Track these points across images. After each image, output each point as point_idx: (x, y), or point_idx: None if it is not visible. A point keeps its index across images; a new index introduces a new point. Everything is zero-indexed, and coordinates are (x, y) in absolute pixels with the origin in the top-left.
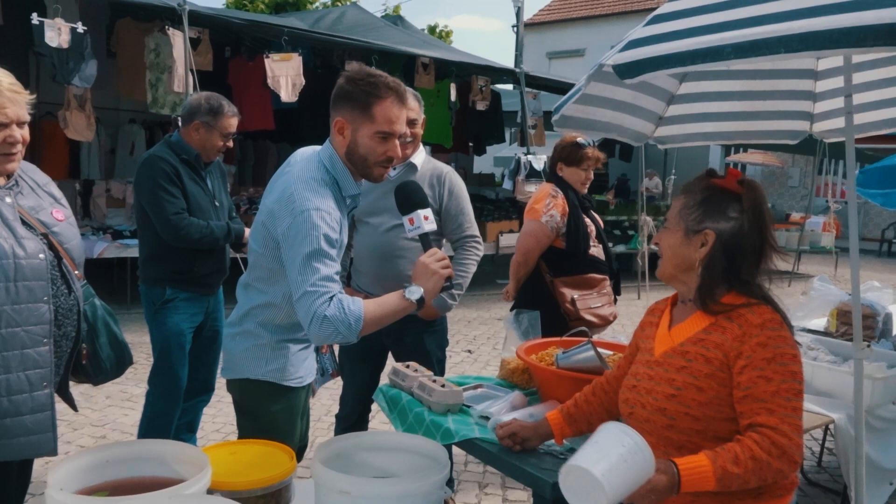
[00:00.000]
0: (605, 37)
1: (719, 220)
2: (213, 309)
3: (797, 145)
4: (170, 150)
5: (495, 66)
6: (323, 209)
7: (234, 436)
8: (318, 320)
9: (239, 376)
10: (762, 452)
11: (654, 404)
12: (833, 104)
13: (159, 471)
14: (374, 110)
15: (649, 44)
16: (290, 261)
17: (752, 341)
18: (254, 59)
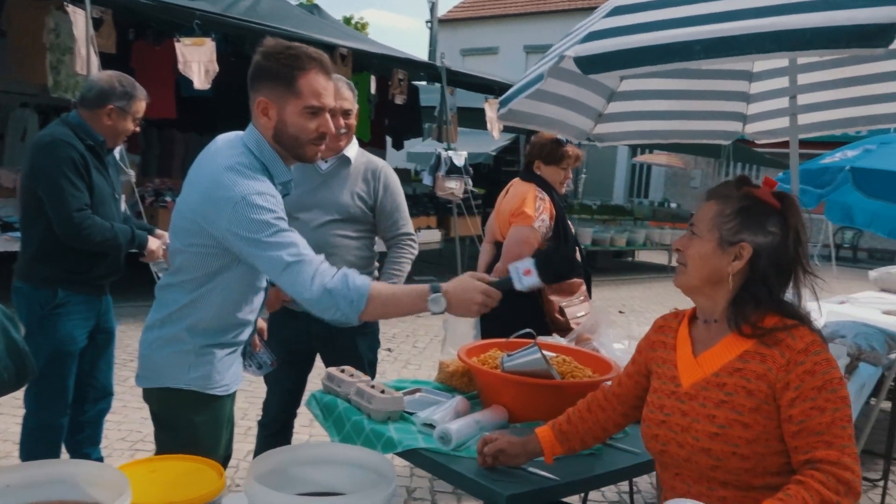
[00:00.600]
0: (519, 36)
1: (757, 233)
2: (106, 310)
3: (701, 147)
4: (73, 135)
5: (416, 60)
6: (264, 192)
7: (141, 444)
8: (316, 291)
9: (158, 385)
10: (830, 493)
11: (694, 444)
12: (766, 106)
13: (71, 494)
14: (299, 84)
15: (611, 36)
16: (251, 251)
17: (798, 369)
18: (161, 44)
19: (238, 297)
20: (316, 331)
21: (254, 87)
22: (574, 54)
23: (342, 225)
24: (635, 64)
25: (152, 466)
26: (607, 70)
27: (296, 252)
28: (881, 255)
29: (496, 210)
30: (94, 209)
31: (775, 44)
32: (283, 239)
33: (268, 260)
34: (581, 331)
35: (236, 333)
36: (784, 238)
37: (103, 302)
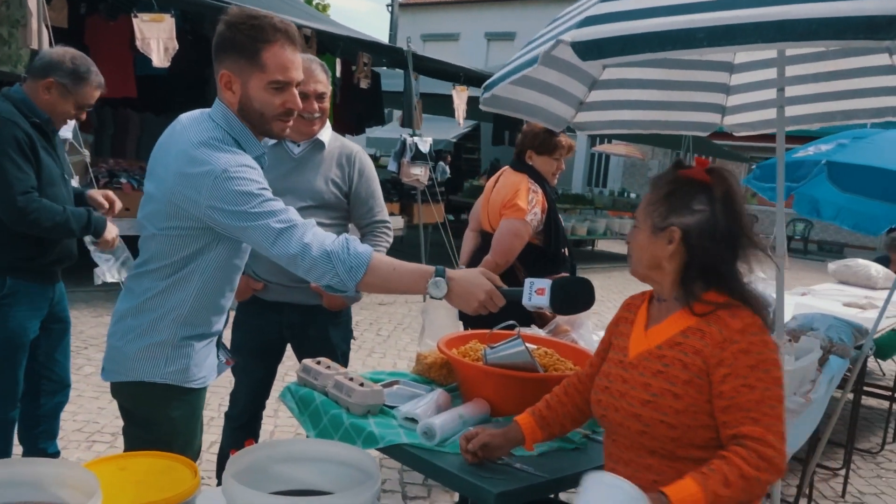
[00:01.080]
0: (480, 22)
1: (684, 214)
2: (59, 298)
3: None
4: (17, 111)
5: (382, 43)
6: (244, 163)
7: (98, 435)
8: (316, 250)
9: (129, 379)
10: (751, 469)
11: (628, 409)
12: (747, 98)
13: (36, 496)
14: (264, 57)
15: (610, 21)
16: (238, 225)
17: (733, 347)
18: (115, 19)
19: (217, 281)
20: (287, 321)
21: (217, 58)
22: (571, 39)
23: (315, 212)
24: (635, 50)
25: (121, 464)
26: (605, 56)
27: (286, 218)
28: (830, 248)
29: (484, 198)
30: (43, 192)
31: (780, 33)
32: (269, 208)
33: (256, 230)
34: (559, 322)
35: (216, 321)
36: (713, 211)
37: (56, 290)
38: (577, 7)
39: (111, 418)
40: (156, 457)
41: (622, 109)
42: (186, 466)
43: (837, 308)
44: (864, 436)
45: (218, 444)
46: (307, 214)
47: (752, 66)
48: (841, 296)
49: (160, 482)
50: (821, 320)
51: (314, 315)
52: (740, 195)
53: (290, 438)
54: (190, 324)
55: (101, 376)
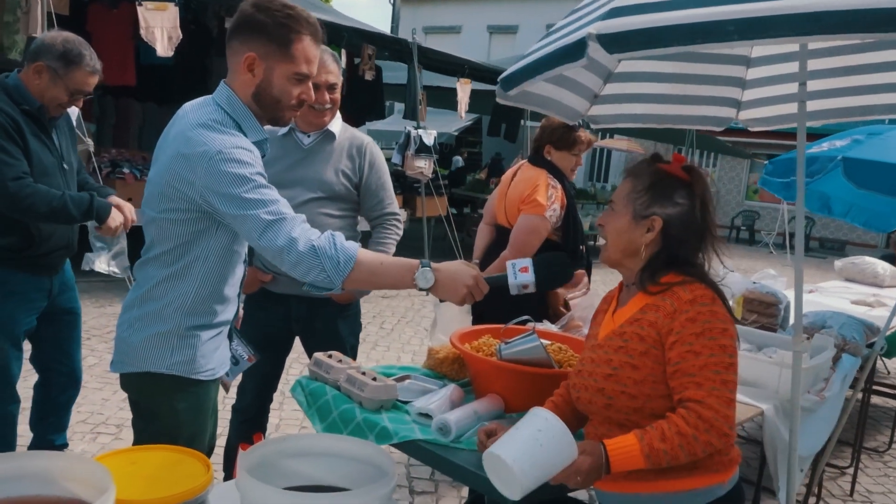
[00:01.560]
0: (482, 15)
1: (666, 205)
2: (63, 290)
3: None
4: (7, 98)
5: (387, 35)
6: (241, 146)
7: (103, 427)
8: (302, 245)
9: (136, 370)
10: (688, 427)
11: (594, 385)
12: (764, 92)
13: (47, 490)
14: (294, 48)
15: (637, 13)
16: (228, 210)
17: (682, 317)
18: (118, 6)
19: (220, 268)
20: (295, 314)
21: (242, 38)
22: (596, 31)
23: (325, 203)
24: (662, 44)
25: (132, 457)
26: (632, 49)
27: (276, 210)
28: (832, 245)
29: (500, 193)
30: (37, 182)
31: (814, 25)
32: (261, 196)
33: (245, 220)
34: (572, 317)
35: (221, 311)
36: (692, 207)
37: (55, 281)
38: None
39: (115, 410)
40: (168, 451)
41: (636, 103)
42: (199, 461)
43: (845, 306)
44: (871, 434)
45: (224, 437)
46: (317, 206)
47: (771, 60)
48: (848, 293)
49: (172, 476)
50: (834, 318)
51: (322, 308)
52: (712, 194)
53: (302, 433)
54: (195, 313)
55: (110, 368)
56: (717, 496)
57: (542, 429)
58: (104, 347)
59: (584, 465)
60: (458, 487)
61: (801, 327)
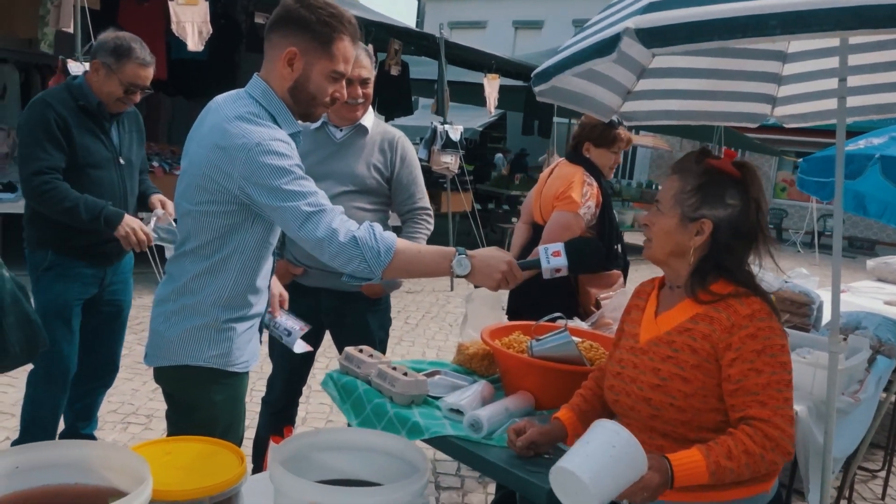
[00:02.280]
0: (507, 10)
1: (717, 207)
2: (114, 280)
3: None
4: (67, 94)
5: (414, 30)
6: (279, 138)
7: (133, 417)
8: (343, 236)
9: (172, 363)
10: (755, 446)
11: (638, 394)
12: (800, 88)
13: (85, 478)
14: (335, 46)
15: (675, 7)
16: (268, 202)
17: (741, 333)
18: (148, 1)
19: (255, 260)
20: (326, 306)
21: (284, 32)
22: (634, 26)
23: (357, 196)
24: (703, 38)
25: (167, 448)
26: (671, 44)
27: (315, 202)
28: (861, 244)
29: (536, 191)
30: (79, 170)
31: (857, 20)
32: (301, 187)
33: (286, 211)
34: (601, 315)
35: (255, 302)
36: (745, 208)
37: (107, 272)
38: None
39: (145, 400)
40: (202, 442)
41: (669, 99)
42: (233, 453)
43: (878, 306)
44: None
45: (252, 429)
46: (348, 199)
47: (808, 56)
48: (881, 294)
49: (206, 468)
50: (869, 319)
51: (353, 301)
52: (764, 192)
53: (335, 427)
54: (231, 306)
55: (144, 362)
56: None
57: (616, 444)
58: (134, 339)
59: (654, 481)
60: (484, 483)
61: (838, 328)
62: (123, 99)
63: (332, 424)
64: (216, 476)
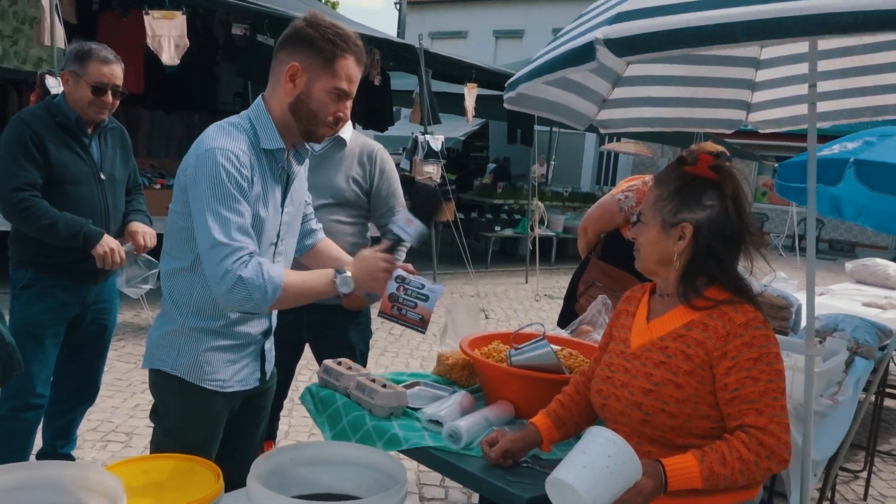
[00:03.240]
0: (488, 20)
1: (696, 210)
2: (98, 299)
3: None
4: (45, 111)
5: (394, 40)
6: (229, 149)
7: (113, 435)
8: (230, 280)
9: (150, 366)
10: (749, 454)
11: (629, 398)
12: (773, 94)
13: (60, 499)
14: (338, 64)
15: (644, 17)
16: (197, 210)
17: (737, 341)
18: (127, 15)
19: None
20: (306, 321)
21: (289, 50)
22: (603, 36)
23: (335, 209)
24: (671, 46)
25: (143, 466)
26: (640, 52)
27: (227, 231)
28: (841, 247)
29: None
30: (63, 190)
31: (822, 27)
32: (228, 213)
33: (203, 227)
34: (581, 322)
35: (229, 323)
36: (723, 208)
37: (91, 291)
38: (605, 2)
39: (125, 418)
40: (179, 459)
41: (645, 106)
42: (210, 470)
43: (857, 308)
44: (884, 438)
45: None
46: (327, 212)
47: (780, 62)
48: (860, 296)
49: (183, 486)
50: (846, 321)
51: (333, 315)
52: (745, 191)
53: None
54: (201, 315)
55: (143, 365)
56: None
57: (613, 454)
58: (114, 355)
59: (648, 487)
60: (468, 494)
61: (814, 331)
62: (96, 102)
63: (314, 438)
64: (192, 494)
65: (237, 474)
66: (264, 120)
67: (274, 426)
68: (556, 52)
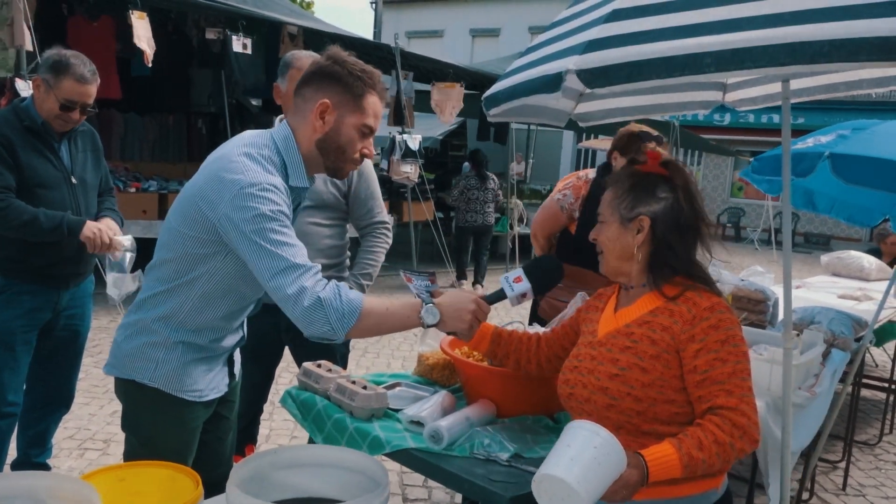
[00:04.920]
0: (465, 19)
1: (651, 203)
2: (70, 305)
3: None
4: (13, 115)
5: (369, 41)
6: (276, 185)
7: (90, 443)
8: (309, 298)
9: (123, 376)
10: (724, 435)
11: (596, 384)
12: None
13: None
14: (366, 101)
15: (614, 46)
16: (246, 242)
17: (703, 324)
18: (97, 19)
19: (220, 294)
20: (286, 323)
21: (317, 87)
22: (575, 67)
23: (313, 212)
24: (641, 77)
25: (120, 474)
26: (611, 83)
27: (291, 255)
28: (816, 240)
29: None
30: (34, 194)
31: (791, 56)
32: (280, 239)
33: (260, 260)
34: (561, 319)
35: (215, 338)
36: (676, 199)
37: (63, 295)
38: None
39: (103, 425)
40: (157, 467)
41: (622, 97)
42: (188, 477)
43: (832, 300)
44: (860, 428)
45: None
46: (305, 214)
47: None
48: (835, 288)
49: (161, 493)
50: (822, 313)
51: None
52: (695, 183)
53: (294, 445)
54: (185, 329)
55: (103, 369)
56: (711, 502)
57: (597, 445)
58: (90, 361)
59: (633, 478)
60: (451, 494)
61: (791, 324)
62: (62, 116)
63: (297, 441)
64: (170, 501)
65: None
66: (294, 156)
67: (255, 430)
68: (529, 73)
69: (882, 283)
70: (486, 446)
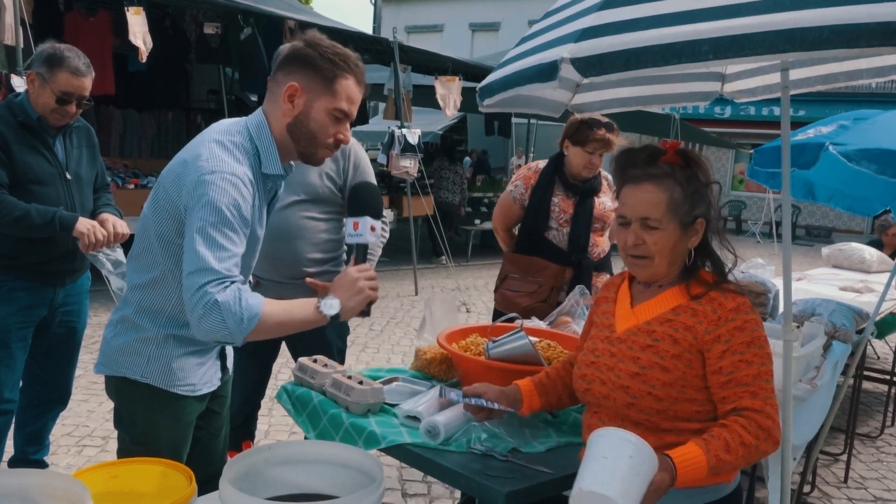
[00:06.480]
0: (464, 13)
1: (703, 204)
2: (67, 301)
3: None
4: (7, 111)
5: (368, 35)
6: (238, 175)
7: (88, 440)
8: (204, 304)
9: (114, 373)
10: (751, 437)
11: (616, 381)
12: (748, 63)
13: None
14: (338, 84)
15: (609, 34)
16: (189, 230)
17: (729, 325)
18: (94, 15)
19: None
20: None
21: (287, 70)
22: (570, 55)
23: (309, 206)
24: (637, 66)
25: (113, 472)
26: (606, 72)
27: (212, 259)
28: (818, 232)
29: None
30: (28, 190)
31: (790, 43)
32: (217, 238)
33: (188, 251)
34: (559, 313)
35: None
36: (709, 193)
37: (59, 292)
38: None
39: (101, 421)
40: (150, 463)
41: (619, 87)
42: (182, 473)
43: (833, 292)
44: (862, 420)
45: None
46: (300, 209)
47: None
48: (836, 280)
49: (154, 490)
50: (823, 305)
51: None
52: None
53: (288, 441)
54: (174, 323)
55: (94, 369)
56: (722, 495)
57: (633, 454)
58: (89, 358)
59: (665, 482)
60: (451, 489)
61: (791, 316)
62: (59, 110)
63: (295, 437)
64: (163, 498)
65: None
66: (267, 142)
67: (252, 426)
68: (524, 62)
69: (883, 275)
70: (484, 441)
